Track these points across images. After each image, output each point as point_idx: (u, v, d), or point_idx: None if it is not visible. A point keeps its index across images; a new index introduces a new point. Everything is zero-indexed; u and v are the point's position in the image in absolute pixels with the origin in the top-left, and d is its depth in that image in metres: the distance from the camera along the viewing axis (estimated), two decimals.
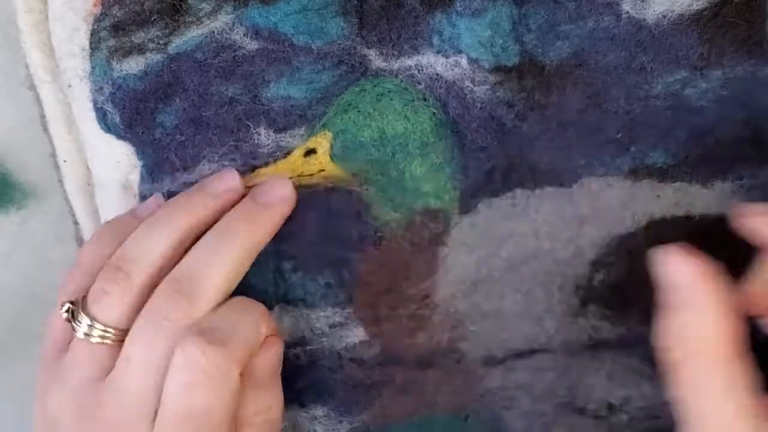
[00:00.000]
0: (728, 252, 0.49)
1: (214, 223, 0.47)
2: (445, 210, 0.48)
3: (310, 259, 0.49)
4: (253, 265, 0.48)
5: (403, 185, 0.48)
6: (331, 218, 0.49)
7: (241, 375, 0.44)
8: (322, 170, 0.48)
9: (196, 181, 0.49)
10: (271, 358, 0.47)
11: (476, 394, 0.51)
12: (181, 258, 0.45)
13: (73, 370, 0.45)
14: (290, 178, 0.48)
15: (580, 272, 0.49)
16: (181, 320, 0.43)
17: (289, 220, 0.49)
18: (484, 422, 0.52)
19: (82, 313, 0.44)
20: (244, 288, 0.49)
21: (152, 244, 0.45)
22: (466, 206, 0.48)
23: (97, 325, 0.44)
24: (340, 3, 0.46)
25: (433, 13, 0.46)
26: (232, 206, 0.47)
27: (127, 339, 0.44)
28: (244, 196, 0.48)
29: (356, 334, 0.51)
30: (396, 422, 0.53)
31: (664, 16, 0.45)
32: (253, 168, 0.48)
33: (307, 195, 0.49)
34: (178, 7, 0.47)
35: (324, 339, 0.51)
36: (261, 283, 0.50)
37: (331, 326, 0.50)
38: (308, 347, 0.51)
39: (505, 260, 0.49)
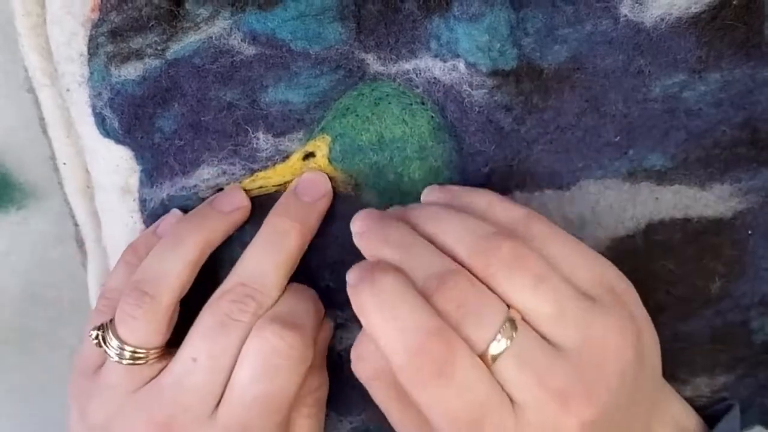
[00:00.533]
0: (725, 254, 0.49)
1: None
2: None
3: (310, 261, 0.49)
4: None
5: (402, 189, 0.48)
6: (330, 221, 0.49)
7: None
8: None
9: (196, 186, 0.49)
10: (326, 339, 0.50)
11: None
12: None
13: (113, 386, 0.46)
14: (289, 181, 0.49)
15: None
16: (251, 319, 0.45)
17: None
18: None
19: (111, 337, 0.46)
20: None
21: (172, 266, 0.46)
22: None
23: (127, 347, 0.45)
24: (338, 8, 0.46)
25: (431, 17, 0.46)
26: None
27: (191, 341, 0.45)
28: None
29: (356, 336, 0.51)
30: None
31: (662, 20, 0.45)
32: (252, 172, 0.49)
33: None
34: (176, 13, 0.47)
35: None
36: None
37: (332, 328, 0.51)
38: None
39: None
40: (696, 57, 0.46)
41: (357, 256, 0.48)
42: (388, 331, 0.39)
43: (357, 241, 0.45)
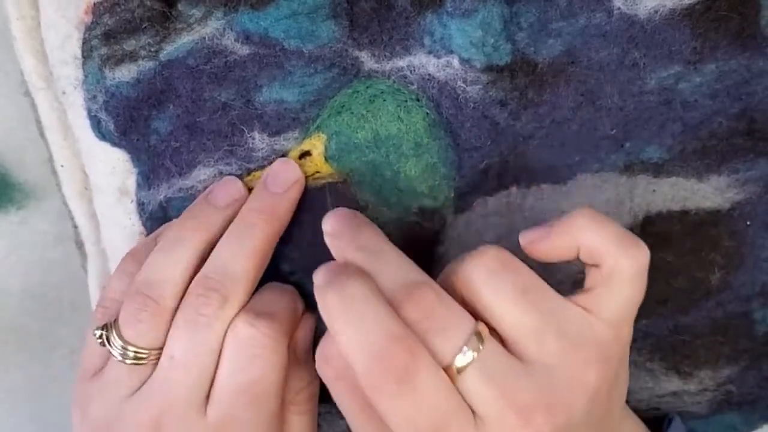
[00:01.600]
0: (724, 245, 0.49)
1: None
2: (440, 210, 0.48)
3: (307, 260, 0.49)
4: None
5: (398, 186, 0.48)
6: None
7: None
8: (318, 172, 0.48)
9: (193, 187, 0.49)
10: (309, 333, 0.49)
11: None
12: (197, 271, 0.47)
13: (113, 386, 0.47)
14: None
15: (577, 268, 0.49)
16: (216, 312, 0.45)
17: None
18: None
19: (116, 337, 0.46)
20: None
21: (173, 268, 0.46)
22: (462, 205, 0.49)
23: (130, 348, 0.45)
24: (331, 6, 0.46)
25: (424, 13, 0.46)
26: None
27: (168, 339, 0.45)
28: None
29: None
30: None
31: (656, 11, 0.45)
32: (249, 172, 0.49)
33: (303, 197, 0.49)
34: (168, 14, 0.47)
35: None
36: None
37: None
38: None
39: None
40: (691, 48, 0.46)
41: None
42: (352, 335, 0.39)
43: (328, 241, 0.45)
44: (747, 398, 0.53)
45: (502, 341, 0.41)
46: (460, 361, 0.39)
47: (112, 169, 0.50)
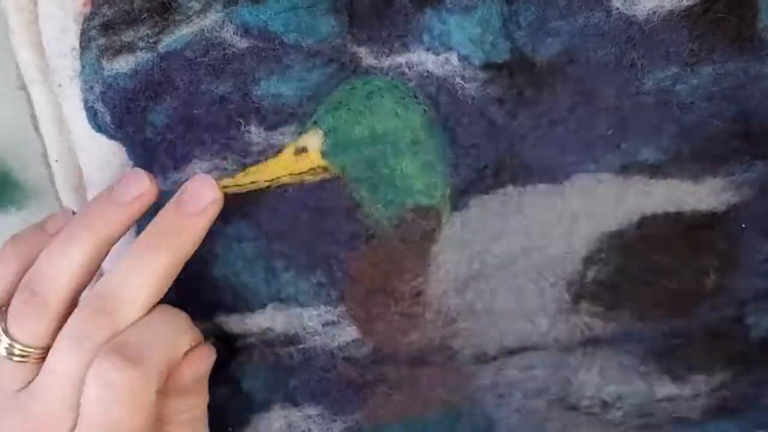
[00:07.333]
0: (719, 248, 0.49)
1: (126, 229, 0.46)
2: (436, 207, 0.48)
3: (302, 257, 0.49)
4: (245, 263, 0.48)
5: (394, 183, 0.48)
6: (322, 216, 0.49)
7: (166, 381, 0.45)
8: (314, 168, 0.48)
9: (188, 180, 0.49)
10: (196, 370, 0.47)
11: (468, 391, 0.51)
12: (95, 271, 0.46)
13: (3, 380, 0.45)
14: (281, 176, 0.48)
15: (572, 269, 0.49)
16: (102, 338, 0.43)
17: (281, 218, 0.49)
18: (476, 420, 0.52)
19: (2, 332, 0.44)
20: (235, 286, 0.49)
21: (65, 264, 0.44)
22: (458, 204, 0.48)
23: (16, 345, 0.44)
24: (331, 1, 0.46)
25: (423, 10, 0.46)
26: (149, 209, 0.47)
27: (51, 353, 0.44)
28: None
29: (349, 333, 0.51)
30: (389, 422, 0.53)
31: (654, 12, 0.45)
32: (244, 167, 0.48)
33: (298, 193, 0.49)
34: (168, 5, 0.47)
35: (317, 337, 0.51)
36: (253, 282, 0.50)
37: (324, 325, 0.50)
38: (301, 346, 0.51)
39: (496, 257, 0.49)
40: (688, 50, 0.46)
41: (349, 252, 0.48)
42: None
43: None
44: (741, 404, 0.53)
45: None
46: None
47: (107, 163, 0.50)
